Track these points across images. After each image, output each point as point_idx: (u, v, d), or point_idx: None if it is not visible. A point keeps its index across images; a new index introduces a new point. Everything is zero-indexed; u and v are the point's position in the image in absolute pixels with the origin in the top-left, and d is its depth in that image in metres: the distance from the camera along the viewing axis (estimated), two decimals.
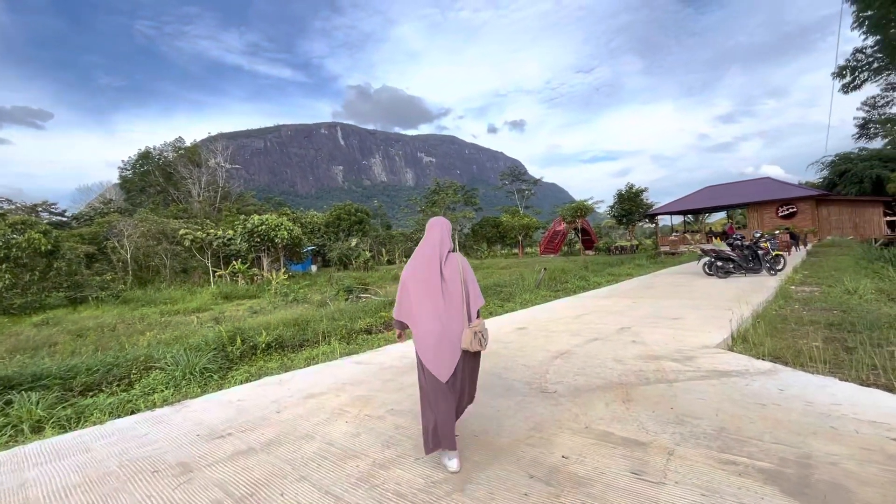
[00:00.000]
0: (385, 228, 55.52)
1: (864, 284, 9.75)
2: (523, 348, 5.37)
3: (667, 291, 10.01)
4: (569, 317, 7.44)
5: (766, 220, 29.52)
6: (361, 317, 9.07)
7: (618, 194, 36.33)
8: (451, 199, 38.07)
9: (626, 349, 5.00)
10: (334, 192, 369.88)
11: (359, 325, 8.12)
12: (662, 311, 7.48)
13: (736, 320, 6.25)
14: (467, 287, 2.66)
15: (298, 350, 6.82)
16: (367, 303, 11.01)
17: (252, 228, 23.51)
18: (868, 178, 29.87)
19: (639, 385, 3.70)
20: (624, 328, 6.18)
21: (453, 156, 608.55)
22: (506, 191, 69.04)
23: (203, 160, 49.02)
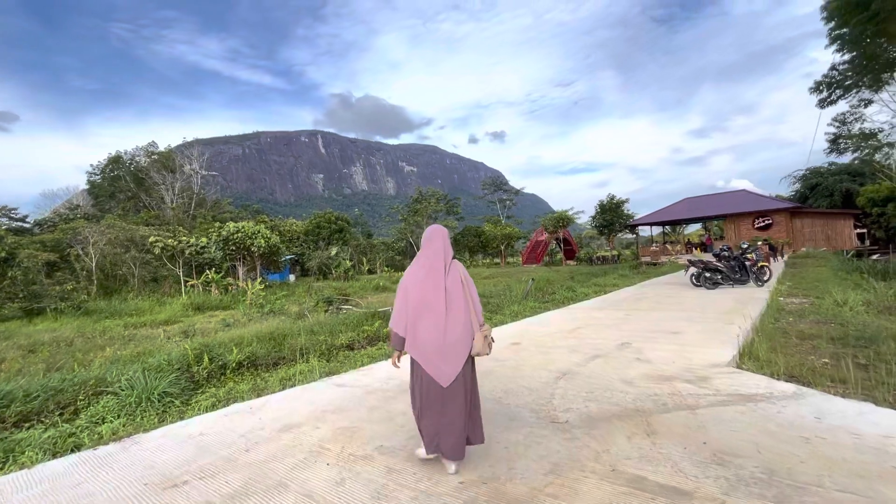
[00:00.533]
0: (366, 237, 54.73)
1: (854, 297, 9.72)
2: (521, 367, 4.94)
3: (658, 303, 9.77)
4: (563, 331, 7.07)
5: (743, 232, 30.07)
6: (342, 331, 8.51)
7: (599, 204, 36.61)
8: (434, 208, 37.69)
9: (631, 368, 4.63)
10: (314, 201, 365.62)
11: (340, 341, 7.57)
12: (659, 324, 7.18)
13: (739, 335, 5.97)
14: (471, 294, 2.68)
15: (273, 369, 6.23)
16: (348, 315, 10.44)
17: (227, 236, 22.58)
18: (838, 191, 30.84)
19: (658, 412, 3.31)
20: (624, 343, 5.82)
21: (434, 165, 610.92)
22: (487, 201, 69.13)
23: (177, 166, 47.44)
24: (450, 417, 2.53)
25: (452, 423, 2.52)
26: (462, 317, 2.60)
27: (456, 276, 2.67)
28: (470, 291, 2.69)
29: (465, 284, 2.68)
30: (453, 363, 2.54)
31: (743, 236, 29.68)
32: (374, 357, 6.29)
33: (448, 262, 2.70)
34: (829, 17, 15.91)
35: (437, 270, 2.65)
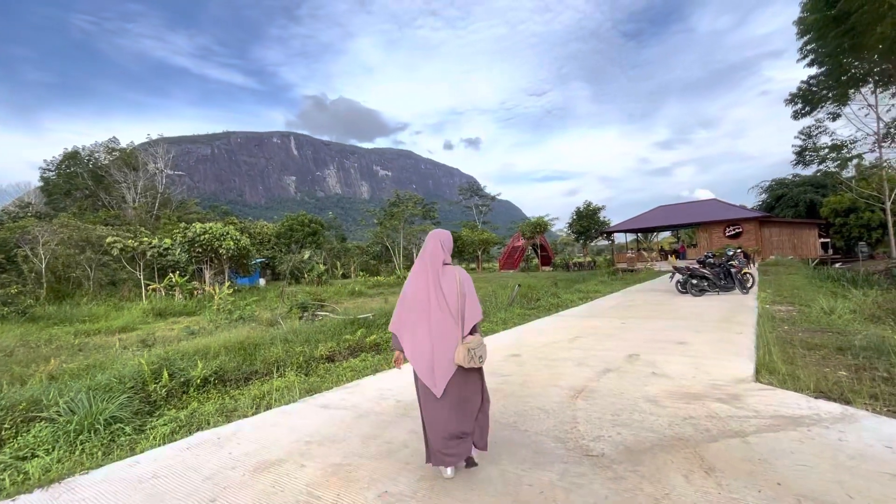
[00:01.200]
0: (340, 241, 53.51)
1: (840, 305, 9.73)
2: (528, 383, 4.44)
3: (651, 311, 9.51)
4: (562, 340, 6.63)
5: (715, 240, 30.76)
6: (321, 340, 7.82)
7: (577, 211, 36.85)
8: (411, 212, 37.03)
9: (650, 384, 4.20)
10: (286, 203, 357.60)
11: (319, 352, 6.89)
12: (660, 333, 6.85)
13: (749, 345, 5.68)
14: (465, 301, 2.60)
15: (244, 385, 5.52)
16: (324, 322, 9.73)
17: (193, 237, 21.33)
18: (803, 202, 32.02)
19: (705, 441, 2.86)
20: (632, 355, 5.42)
21: (409, 170, 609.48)
22: (463, 206, 68.97)
23: (141, 164, 45.08)
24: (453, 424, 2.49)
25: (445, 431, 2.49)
26: (452, 324, 2.54)
27: (451, 280, 2.60)
28: (467, 298, 2.62)
29: (460, 292, 2.59)
30: (443, 371, 2.50)
31: (715, 244, 30.35)
32: (360, 371, 5.67)
33: (438, 266, 2.63)
34: (804, 31, 16.31)
35: (424, 274, 2.63)
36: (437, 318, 2.54)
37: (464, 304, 2.60)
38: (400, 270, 32.01)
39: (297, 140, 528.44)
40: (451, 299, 2.56)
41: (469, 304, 2.63)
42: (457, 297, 2.58)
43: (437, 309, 2.56)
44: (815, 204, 30.76)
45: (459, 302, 2.58)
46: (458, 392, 2.53)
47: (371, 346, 7.45)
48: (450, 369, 2.51)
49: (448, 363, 2.51)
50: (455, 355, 2.49)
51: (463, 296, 2.61)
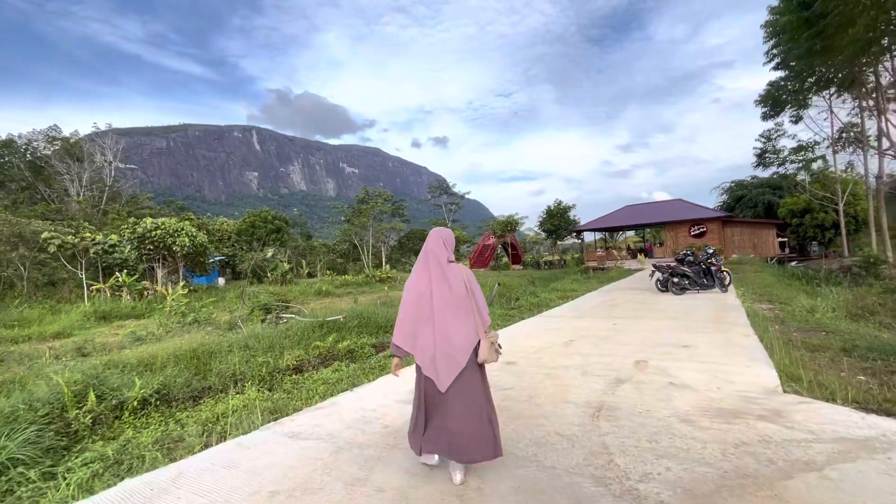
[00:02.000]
0: (305, 239, 51.67)
1: (820, 303, 9.72)
2: (535, 399, 3.83)
3: (637, 310, 9.16)
4: (556, 344, 6.08)
5: (680, 239, 31.45)
6: (287, 346, 6.97)
7: (547, 210, 36.91)
8: (381, 209, 35.95)
9: (674, 397, 3.68)
10: (248, 200, 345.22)
11: (285, 361, 6.05)
12: (658, 335, 6.42)
13: (756, 348, 5.30)
14: (476, 298, 2.58)
15: (194, 406, 4.65)
16: (290, 325, 8.83)
17: (144, 233, 19.64)
18: (761, 203, 33.26)
19: (777, 478, 2.32)
20: (639, 362, 4.92)
21: (377, 168, 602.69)
22: (433, 204, 68.28)
23: (86, 155, 41.75)
24: (454, 423, 2.42)
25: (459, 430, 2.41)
26: (462, 322, 2.49)
27: (458, 278, 2.56)
28: (476, 294, 2.59)
29: (469, 289, 2.55)
30: (448, 368, 2.43)
31: (680, 244, 31.03)
32: (334, 385, 4.90)
33: (443, 262, 2.58)
34: (773, 34, 16.58)
35: (426, 271, 2.59)
36: (441, 312, 2.48)
37: (474, 298, 2.57)
38: (369, 269, 30.99)
39: (259, 134, 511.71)
40: (459, 293, 2.52)
41: (481, 301, 2.60)
42: (465, 293, 2.54)
43: (442, 303, 2.49)
44: (772, 205, 31.99)
45: (469, 297, 2.54)
46: (465, 388, 2.46)
47: (345, 353, 6.66)
48: (457, 364, 2.44)
49: (455, 357, 2.44)
50: (480, 351, 2.47)
51: (471, 292, 2.57)
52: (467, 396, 2.46)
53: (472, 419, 2.43)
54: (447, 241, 2.68)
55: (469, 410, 2.44)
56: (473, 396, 2.48)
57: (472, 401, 2.47)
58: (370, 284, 27.08)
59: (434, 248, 2.63)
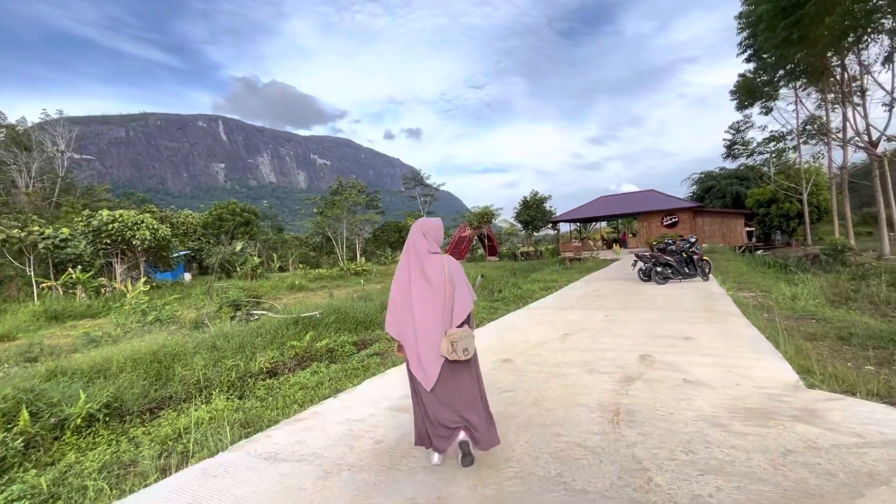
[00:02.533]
0: (276, 232, 50.09)
1: (799, 291, 9.79)
2: (542, 401, 3.45)
3: (625, 301, 8.96)
4: (552, 339, 5.75)
5: (653, 229, 31.96)
6: (259, 347, 6.39)
7: (523, 201, 36.85)
8: (355, 200, 34.97)
9: (694, 397, 3.37)
10: (214, 192, 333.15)
11: (258, 364, 5.49)
12: (654, 327, 6.17)
13: (758, 338, 5.11)
14: (453, 292, 2.47)
15: (151, 419, 4.06)
16: (262, 323, 8.21)
17: (99, 227, 18.31)
18: (730, 193, 34.15)
19: (847, 497, 2.00)
20: (644, 356, 4.62)
21: (349, 159, 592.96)
22: (408, 196, 67.43)
23: (35, 144, 38.86)
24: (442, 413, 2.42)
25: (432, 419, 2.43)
26: (439, 315, 2.43)
27: (438, 270, 2.48)
28: (455, 288, 2.50)
29: (448, 281, 2.46)
30: (429, 362, 2.41)
31: (653, 233, 31.53)
32: (314, 390, 4.40)
33: (422, 254, 2.52)
34: (747, 24, 16.70)
35: (406, 264, 2.54)
36: (420, 308, 2.44)
37: (452, 292, 2.47)
38: (344, 262, 30.17)
39: (226, 124, 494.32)
40: (438, 287, 2.44)
41: (458, 293, 2.49)
42: (444, 286, 2.45)
43: (421, 297, 2.45)
44: (740, 195, 32.88)
45: (448, 290, 2.45)
46: (448, 383, 2.43)
47: (324, 352, 6.14)
48: (437, 360, 2.40)
49: (435, 354, 2.41)
50: (440, 347, 2.39)
51: (452, 284, 2.47)
52: (456, 389, 2.43)
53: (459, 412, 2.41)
54: (428, 232, 2.58)
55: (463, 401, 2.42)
56: (461, 388, 2.44)
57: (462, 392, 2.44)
58: (345, 278, 26.36)
59: (414, 240, 2.57)
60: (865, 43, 13.20)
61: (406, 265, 2.55)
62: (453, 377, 2.44)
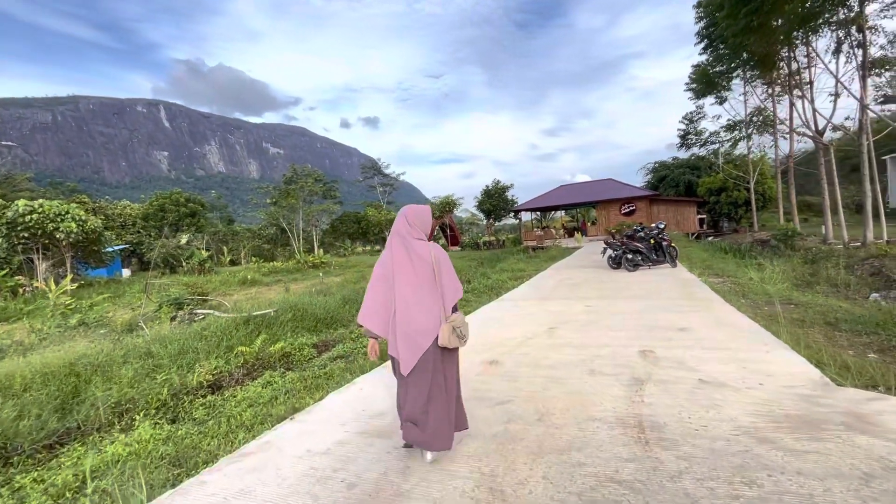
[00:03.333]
0: (226, 223, 47.32)
1: (766, 276, 9.86)
2: (548, 416, 2.88)
3: (601, 290, 8.62)
4: (538, 334, 5.22)
5: (612, 217, 32.57)
6: (202, 353, 5.48)
7: (485, 190, 36.56)
8: (311, 189, 33.30)
9: (719, 402, 2.90)
10: (158, 182, 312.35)
11: (196, 376, 4.61)
12: (642, 317, 5.79)
13: (755, 328, 4.80)
14: (441, 278, 2.45)
15: (50, 458, 3.17)
16: (207, 324, 7.22)
17: (14, 219, 16.16)
18: (682, 182, 35.31)
19: None
20: (645, 351, 4.16)
21: (304, 148, 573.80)
22: (367, 185, 65.75)
23: None
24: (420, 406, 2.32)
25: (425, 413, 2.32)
26: (426, 303, 2.37)
27: (424, 257, 2.41)
28: (443, 275, 2.46)
29: (436, 268, 2.42)
30: (411, 351, 2.33)
31: (612, 221, 32.13)
32: (265, 407, 3.63)
33: (407, 239, 2.45)
34: (707, 13, 16.84)
35: (389, 250, 2.49)
36: (402, 293, 2.37)
37: (440, 280, 2.43)
38: (300, 254, 28.72)
39: (168, 110, 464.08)
40: (422, 270, 2.39)
41: (447, 281, 2.48)
42: (430, 271, 2.40)
43: (404, 283, 2.37)
44: (692, 184, 34.04)
45: (436, 277, 2.41)
46: (432, 371, 2.35)
47: (279, 358, 5.32)
48: (419, 347, 2.33)
49: (416, 340, 2.33)
50: (440, 335, 2.34)
51: (438, 272, 2.43)
52: (428, 381, 2.34)
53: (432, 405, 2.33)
54: (411, 218, 2.51)
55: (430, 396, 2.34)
56: (436, 381, 2.36)
57: (435, 386, 2.35)
58: (302, 271, 25.07)
59: (398, 227, 2.51)
60: (818, 34, 13.53)
61: (389, 252, 2.48)
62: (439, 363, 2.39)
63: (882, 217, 13.42)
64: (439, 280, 2.42)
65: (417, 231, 2.49)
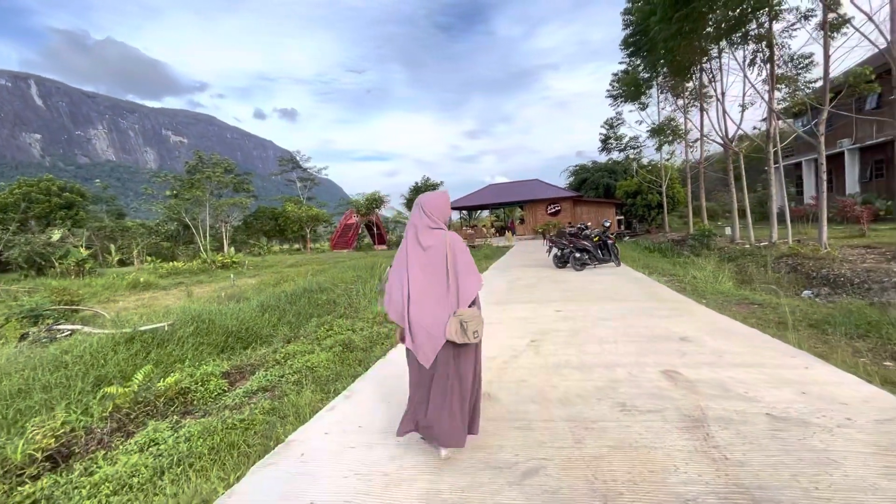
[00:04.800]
0: (115, 218, 41.10)
1: (716, 274, 9.93)
2: (602, 490, 1.89)
3: (560, 291, 7.95)
4: (520, 351, 4.25)
5: (539, 217, 33.25)
6: (54, 395, 3.77)
7: (414, 186, 35.49)
8: (220, 180, 29.65)
9: (818, 448, 2.12)
10: (27, 169, 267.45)
11: (24, 445, 2.95)
12: (628, 323, 5.07)
13: (765, 336, 4.27)
14: (456, 268, 2.30)
15: None
16: (72, 344, 5.30)
17: None
18: (602, 185, 37.12)
19: None
20: (668, 372, 3.36)
21: (212, 138, 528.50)
22: (284, 180, 61.43)
23: None
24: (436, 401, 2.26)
25: (440, 408, 2.24)
26: (441, 295, 2.27)
27: (438, 246, 2.30)
28: (458, 265, 2.30)
29: (449, 258, 2.28)
30: (429, 343, 2.24)
31: (539, 221, 32.79)
32: (145, 492, 2.22)
33: (421, 229, 2.34)
34: (638, 19, 17.27)
35: (405, 241, 2.42)
36: (416, 284, 2.28)
37: (455, 270, 2.28)
38: (207, 253, 25.41)
39: (42, 86, 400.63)
40: (436, 259, 2.29)
41: (463, 272, 2.31)
42: (444, 260, 2.28)
43: (419, 274, 2.29)
44: (610, 187, 35.90)
45: (450, 267, 2.27)
46: (444, 365, 2.26)
47: (173, 397, 3.77)
48: (436, 341, 2.24)
49: (432, 335, 2.24)
50: (447, 327, 2.21)
51: (453, 262, 2.29)
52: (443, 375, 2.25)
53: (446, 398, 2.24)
54: (429, 208, 2.38)
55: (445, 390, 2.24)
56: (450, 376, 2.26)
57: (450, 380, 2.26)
58: (209, 272, 22.12)
59: (414, 218, 2.42)
60: (737, 47, 14.29)
61: (405, 240, 2.42)
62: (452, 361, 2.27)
63: (787, 219, 14.47)
64: (454, 271, 2.28)
65: (435, 221, 2.37)
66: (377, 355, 4.67)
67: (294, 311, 8.23)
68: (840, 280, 9.71)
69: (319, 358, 4.70)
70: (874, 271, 9.57)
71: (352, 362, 4.60)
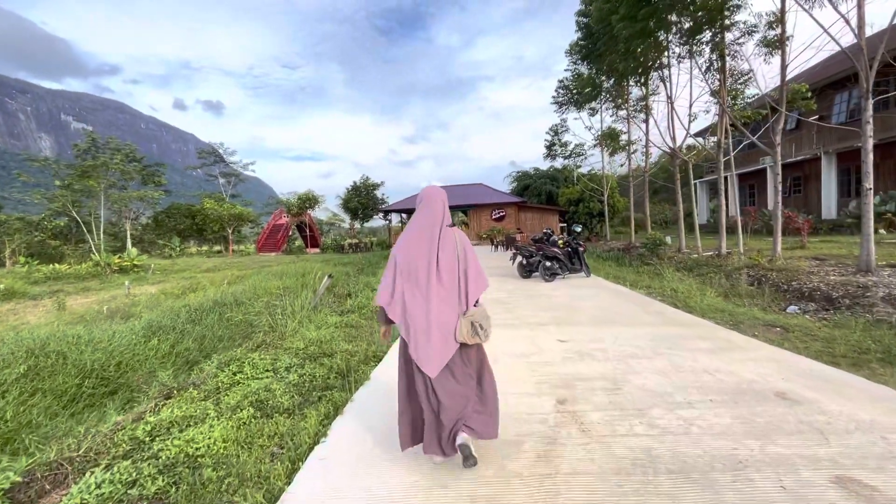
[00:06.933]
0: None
1: (708, 290, 9.07)
2: None
3: (545, 309, 6.50)
4: (547, 422, 2.66)
5: (483, 222, 32.35)
6: None
7: (353, 185, 33.08)
8: (121, 169, 25.29)
9: None
10: None
11: None
12: (677, 369, 3.67)
13: (790, 357, 3.03)
14: (467, 268, 2.22)
15: None
16: None
17: None
18: (544, 191, 37.11)
19: None
20: (843, 479, 1.95)
21: (122, 127, 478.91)
22: (205, 175, 55.69)
23: None
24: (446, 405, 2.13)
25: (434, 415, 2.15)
26: (453, 296, 2.18)
27: (451, 245, 2.21)
28: (469, 264, 2.22)
29: (461, 258, 2.21)
30: (439, 349, 2.11)
31: (483, 226, 31.87)
32: None
33: (440, 228, 2.22)
34: (596, 20, 16.65)
35: (428, 237, 2.20)
36: (436, 293, 2.13)
37: (466, 271, 2.20)
38: (102, 254, 21.32)
39: None
40: (451, 266, 2.18)
41: (472, 272, 2.23)
42: (455, 265, 2.20)
43: (437, 282, 2.14)
44: (552, 194, 35.96)
45: (459, 269, 2.20)
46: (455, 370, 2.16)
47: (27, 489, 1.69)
48: (449, 347, 2.13)
49: (445, 343, 2.13)
50: (458, 329, 2.13)
51: (464, 261, 2.21)
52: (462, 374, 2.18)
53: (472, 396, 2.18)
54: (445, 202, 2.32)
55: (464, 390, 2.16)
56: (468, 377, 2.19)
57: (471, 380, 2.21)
58: (102, 277, 18.47)
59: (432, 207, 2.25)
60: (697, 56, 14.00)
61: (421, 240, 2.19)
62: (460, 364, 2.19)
63: (738, 230, 14.31)
64: (463, 270, 2.19)
65: (449, 217, 2.27)
66: (313, 426, 2.84)
67: (196, 333, 6.11)
68: (816, 294, 9.15)
69: (213, 435, 2.79)
70: (848, 285, 9.13)
71: (268, 442, 2.75)
